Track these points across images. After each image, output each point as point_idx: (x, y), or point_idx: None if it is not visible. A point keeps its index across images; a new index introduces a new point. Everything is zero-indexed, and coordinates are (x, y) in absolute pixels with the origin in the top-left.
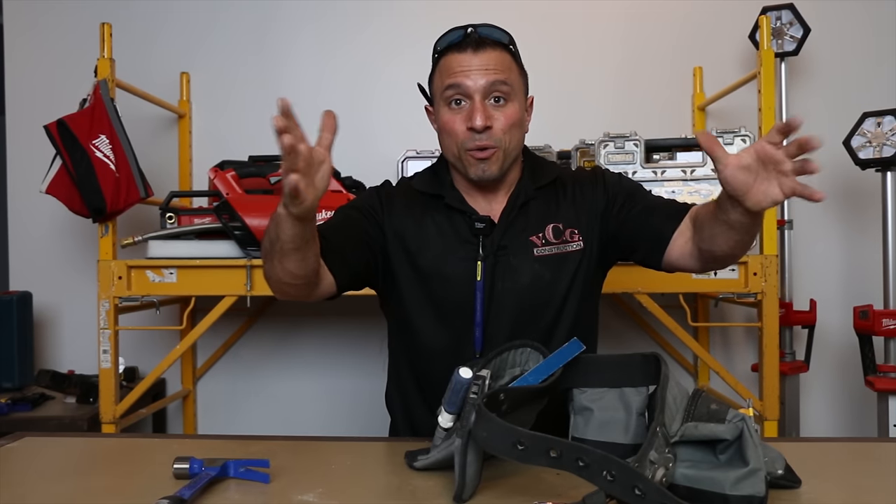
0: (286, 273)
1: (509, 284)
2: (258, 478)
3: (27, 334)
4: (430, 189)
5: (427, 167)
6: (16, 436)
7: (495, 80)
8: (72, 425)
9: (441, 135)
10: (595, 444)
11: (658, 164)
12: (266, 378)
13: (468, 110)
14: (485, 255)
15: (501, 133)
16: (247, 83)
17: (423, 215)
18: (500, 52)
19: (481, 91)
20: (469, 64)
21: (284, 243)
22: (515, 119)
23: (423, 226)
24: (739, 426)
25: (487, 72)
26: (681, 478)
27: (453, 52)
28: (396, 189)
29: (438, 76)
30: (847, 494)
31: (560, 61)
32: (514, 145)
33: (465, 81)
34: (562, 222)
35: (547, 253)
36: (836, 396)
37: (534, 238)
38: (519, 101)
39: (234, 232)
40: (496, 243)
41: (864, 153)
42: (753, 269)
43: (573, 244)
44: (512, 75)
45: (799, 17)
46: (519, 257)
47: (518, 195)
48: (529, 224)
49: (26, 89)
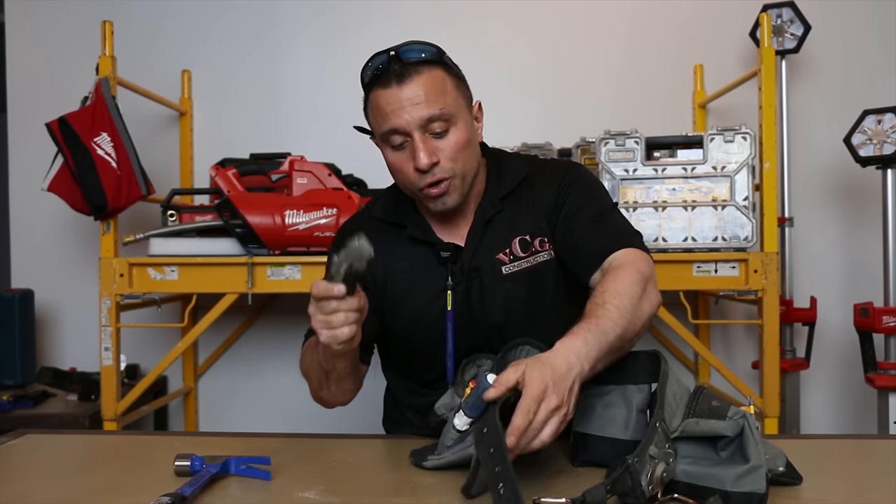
0: (346, 392)
1: (485, 307)
2: (259, 475)
3: (29, 332)
4: (392, 218)
5: (390, 188)
6: (17, 433)
7: (430, 116)
8: (73, 422)
9: (392, 173)
10: (595, 438)
11: (659, 162)
12: (267, 375)
13: (410, 150)
14: (455, 282)
15: (451, 163)
16: (248, 81)
17: (392, 251)
18: (429, 72)
19: (418, 127)
20: (398, 99)
21: (340, 371)
22: (462, 143)
23: (391, 263)
24: (740, 423)
25: (419, 106)
26: (682, 474)
27: (379, 89)
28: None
29: (372, 115)
30: (847, 491)
31: (561, 59)
32: (470, 166)
33: (399, 121)
34: (528, 233)
35: (516, 269)
36: (837, 394)
37: (500, 256)
38: (463, 119)
39: (235, 229)
40: (467, 266)
41: (865, 150)
42: (754, 267)
43: (543, 253)
44: (448, 98)
45: (799, 14)
46: (490, 277)
47: (485, 211)
48: (496, 241)
49: (28, 87)
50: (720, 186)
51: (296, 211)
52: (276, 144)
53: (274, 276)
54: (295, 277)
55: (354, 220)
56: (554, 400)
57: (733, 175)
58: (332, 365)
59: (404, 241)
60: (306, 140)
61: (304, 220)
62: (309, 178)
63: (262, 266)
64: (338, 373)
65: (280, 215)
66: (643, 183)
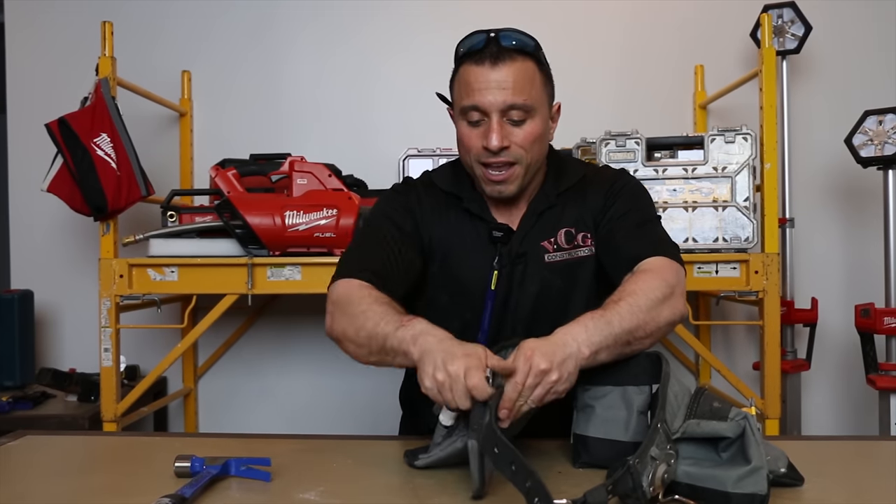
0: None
1: (521, 294)
2: (259, 476)
3: (28, 333)
4: (451, 189)
5: (448, 163)
6: (17, 434)
7: (513, 103)
8: (73, 424)
9: (459, 146)
10: (596, 440)
11: (659, 163)
12: (267, 376)
13: (485, 129)
14: (501, 263)
15: (520, 150)
16: (248, 81)
17: (448, 216)
18: (522, 62)
19: (498, 110)
20: (487, 79)
21: (392, 365)
22: (536, 136)
23: (448, 228)
24: (742, 424)
25: (505, 91)
26: (683, 475)
27: (471, 64)
28: (422, 189)
29: (457, 87)
30: (848, 493)
31: (561, 59)
32: (536, 159)
33: (482, 100)
34: (574, 226)
35: (558, 259)
36: (838, 395)
37: (545, 244)
38: (541, 114)
39: (235, 230)
40: (514, 251)
41: (866, 151)
42: (755, 268)
43: (584, 248)
44: (534, 90)
45: (800, 15)
46: (532, 265)
47: (540, 201)
48: (544, 229)
49: (27, 88)
50: (721, 187)
51: (296, 212)
52: (276, 145)
53: (274, 276)
54: (295, 278)
55: (413, 181)
56: (543, 363)
57: (734, 176)
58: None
59: (460, 213)
60: (306, 141)
61: (304, 221)
62: (309, 179)
63: (262, 267)
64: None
65: (280, 216)
66: (644, 184)
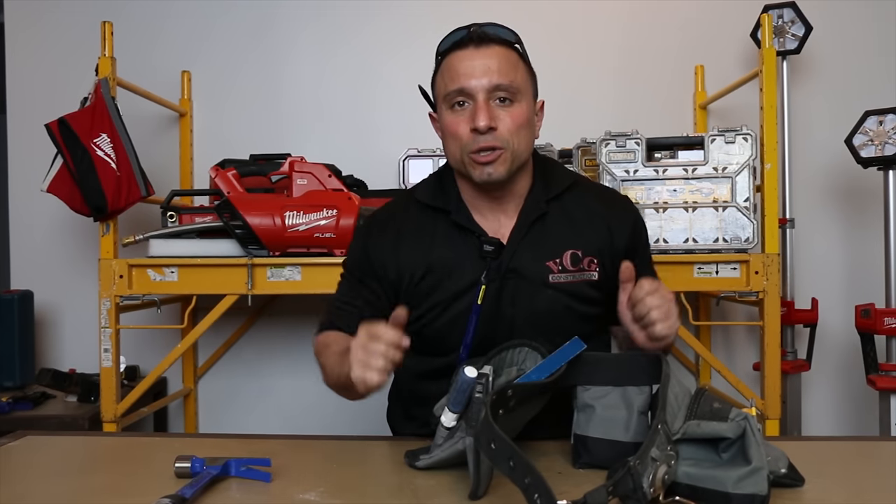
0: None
1: (515, 311)
2: (259, 477)
3: (28, 333)
4: (436, 203)
5: (432, 174)
6: (17, 434)
7: (500, 82)
8: (73, 424)
9: (444, 139)
10: (596, 441)
11: (659, 163)
12: (267, 377)
13: (471, 111)
14: (490, 278)
15: (508, 134)
16: (248, 82)
17: (436, 233)
18: (505, 49)
19: (484, 90)
20: (471, 61)
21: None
22: (523, 120)
23: (435, 244)
24: (742, 425)
25: (490, 71)
26: (683, 476)
27: (455, 51)
28: (396, 218)
29: (440, 79)
30: (849, 493)
31: (561, 60)
32: (523, 147)
33: (468, 82)
34: (581, 249)
35: (563, 280)
36: (838, 395)
37: (550, 263)
38: (527, 101)
39: (235, 231)
40: (505, 266)
41: (866, 151)
42: (755, 268)
43: (589, 273)
44: (518, 76)
45: (801, 15)
46: (533, 283)
47: (529, 211)
48: (547, 247)
49: (27, 88)
50: (721, 187)
51: (296, 212)
52: (276, 145)
53: (274, 277)
54: (295, 279)
55: (392, 206)
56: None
57: (734, 176)
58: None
59: (448, 227)
60: (306, 141)
61: (304, 222)
62: (309, 179)
63: (262, 267)
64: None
65: (280, 216)
66: (644, 184)
